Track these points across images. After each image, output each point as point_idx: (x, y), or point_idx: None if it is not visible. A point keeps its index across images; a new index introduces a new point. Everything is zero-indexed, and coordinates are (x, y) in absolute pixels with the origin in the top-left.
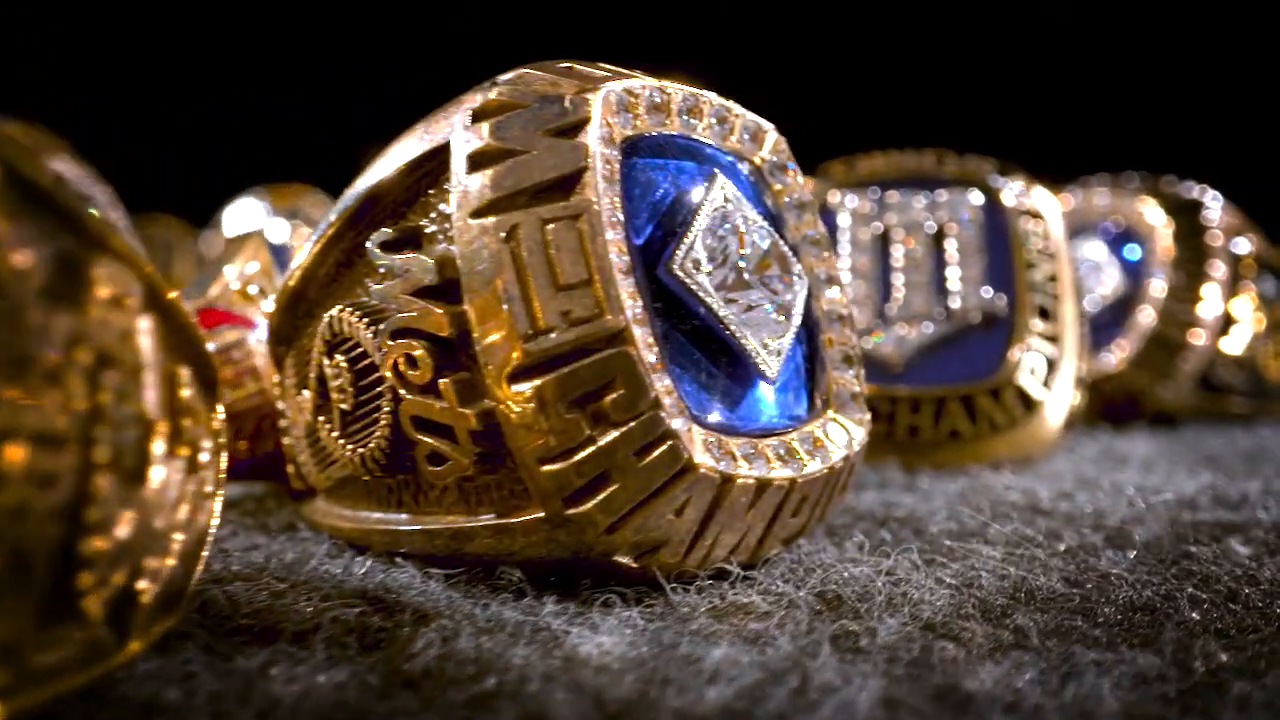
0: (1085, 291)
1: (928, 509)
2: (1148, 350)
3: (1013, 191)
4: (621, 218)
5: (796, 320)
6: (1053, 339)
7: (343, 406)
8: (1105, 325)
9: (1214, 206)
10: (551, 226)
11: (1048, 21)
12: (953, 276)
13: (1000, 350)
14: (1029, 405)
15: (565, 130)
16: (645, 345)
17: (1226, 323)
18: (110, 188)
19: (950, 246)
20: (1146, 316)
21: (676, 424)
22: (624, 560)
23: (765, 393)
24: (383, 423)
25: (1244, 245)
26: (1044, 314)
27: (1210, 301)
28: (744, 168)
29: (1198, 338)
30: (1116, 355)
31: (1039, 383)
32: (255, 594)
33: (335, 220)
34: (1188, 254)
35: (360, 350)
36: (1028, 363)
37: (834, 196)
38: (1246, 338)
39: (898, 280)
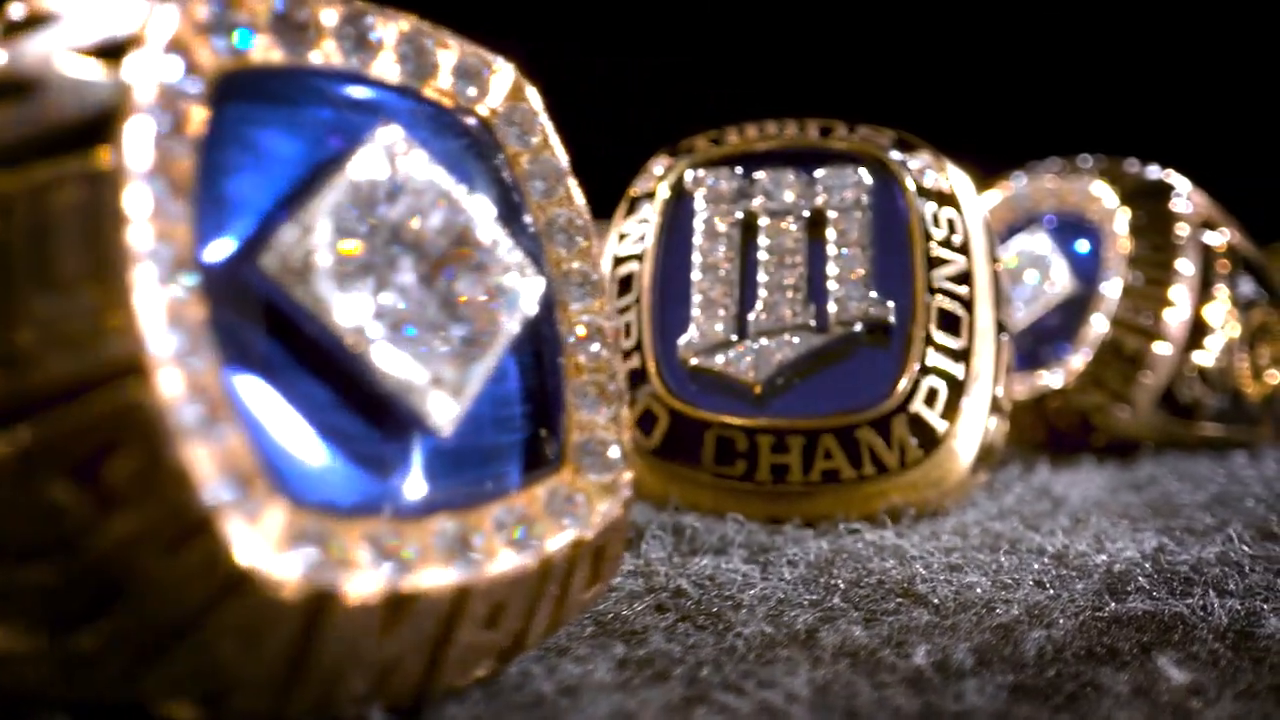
0: (1034, 294)
1: (754, 594)
2: (1101, 364)
3: (914, 169)
4: (191, 188)
5: (503, 340)
6: (960, 355)
7: None
8: (1050, 334)
9: (1181, 192)
10: (59, 196)
11: None
12: (832, 275)
13: (891, 370)
14: (927, 440)
15: (106, 52)
16: (182, 381)
17: (1197, 331)
18: None
19: (830, 237)
20: (1100, 323)
21: (229, 508)
22: (178, 713)
23: (432, 449)
24: None
25: (1217, 238)
26: (949, 324)
27: (1177, 306)
28: (454, 122)
29: (1162, 349)
30: (1063, 371)
31: (939, 412)
32: None
33: None
34: (1150, 249)
35: None
36: (926, 386)
37: (690, 176)
38: (1220, 349)
39: (762, 280)
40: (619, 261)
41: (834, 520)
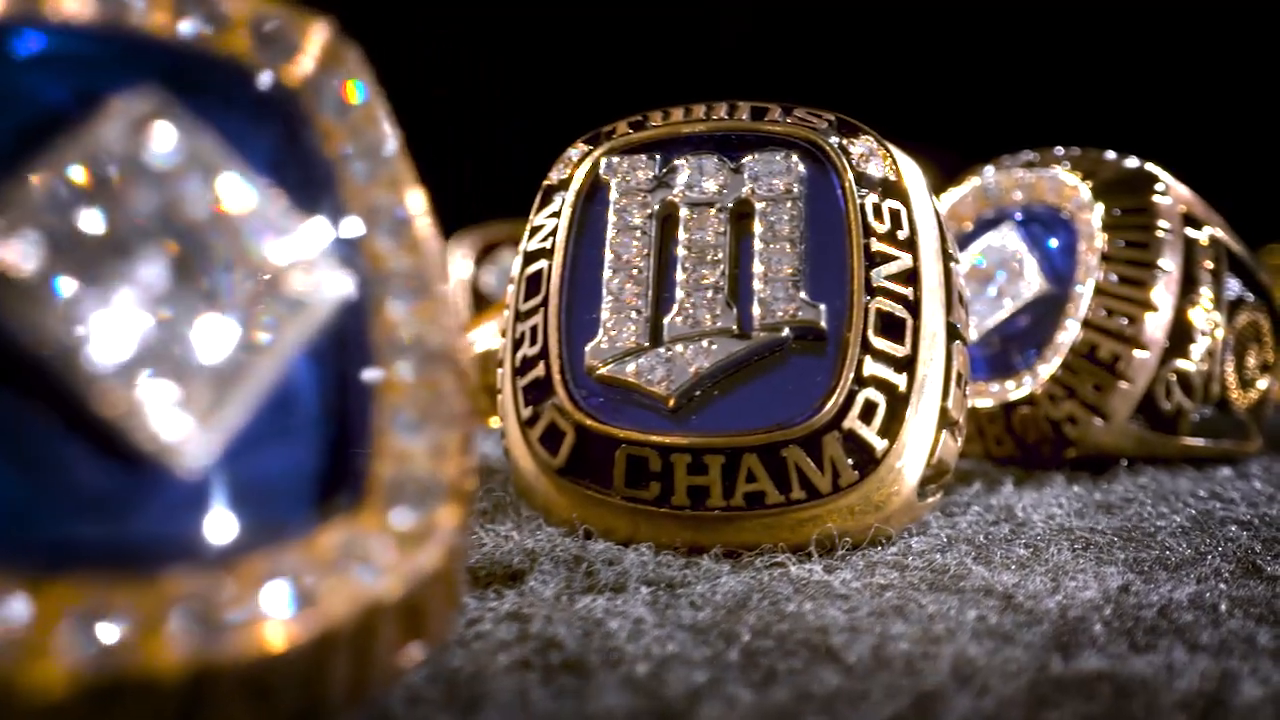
0: (1002, 295)
1: (640, 647)
2: (1074, 371)
3: (855, 156)
4: None
5: (284, 351)
6: (903, 364)
7: None
8: (1020, 338)
9: (1162, 184)
10: None
11: None
12: (757, 274)
13: (822, 381)
14: (864, 460)
15: None
16: None
17: (1178, 335)
18: None
19: (757, 231)
20: (1073, 327)
21: None
22: None
23: (175, 489)
24: None
25: (1201, 234)
26: (891, 328)
27: (1157, 308)
28: (245, 86)
29: (1140, 355)
30: (1033, 378)
31: (877, 428)
32: None
33: None
34: (1128, 246)
35: None
36: (862, 399)
37: (605, 164)
38: (1204, 355)
39: (679, 279)
40: (528, 259)
41: (761, 549)
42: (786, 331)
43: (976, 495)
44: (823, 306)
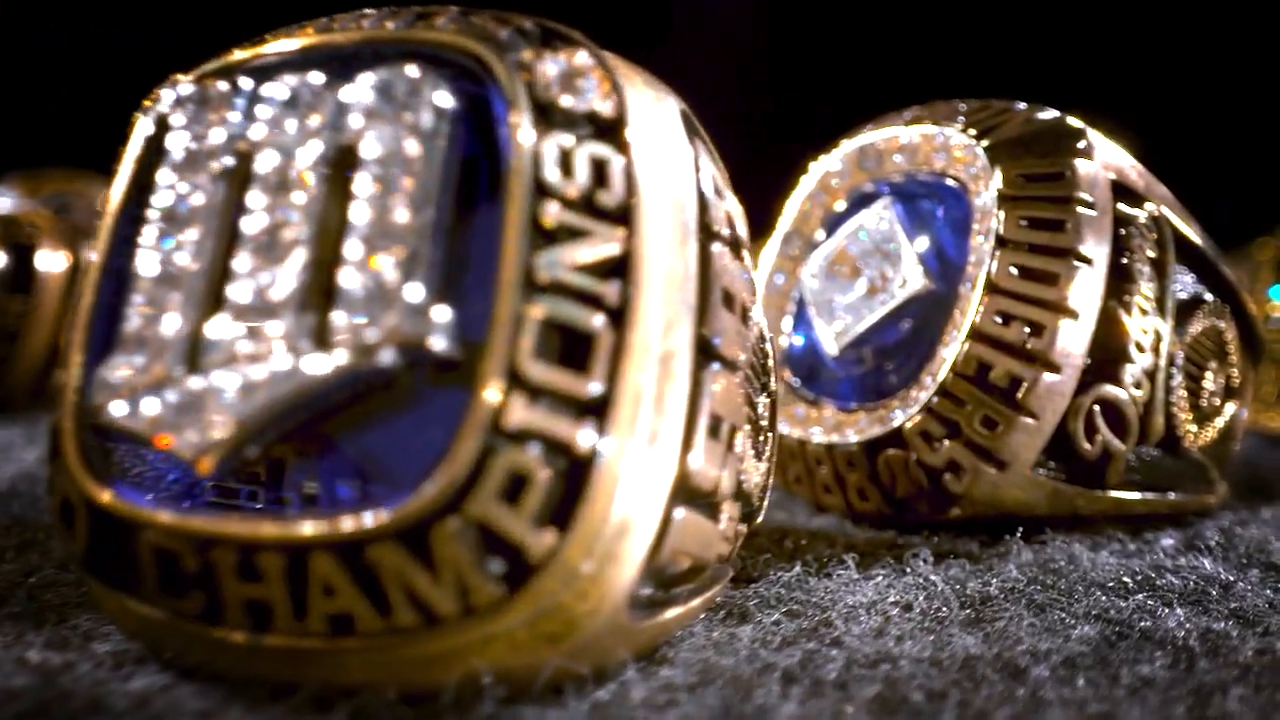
0: (870, 296)
1: None
2: (959, 400)
3: (544, 78)
4: None
5: None
6: (591, 408)
7: None
8: (896, 352)
9: (1086, 142)
10: None
11: None
12: (352, 261)
13: (439, 438)
14: (515, 565)
15: None
16: None
17: (1106, 351)
18: None
19: (361, 194)
20: (957, 338)
21: None
22: None
23: None
24: None
25: (1142, 213)
26: (572, 349)
27: (1077, 314)
28: None
29: (1051, 379)
30: (904, 410)
31: (534, 514)
32: None
33: None
34: (1035, 226)
35: None
36: (506, 466)
37: (169, 98)
38: (1142, 376)
39: (241, 269)
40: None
41: (378, 693)
42: (387, 354)
43: (777, 594)
44: (449, 315)
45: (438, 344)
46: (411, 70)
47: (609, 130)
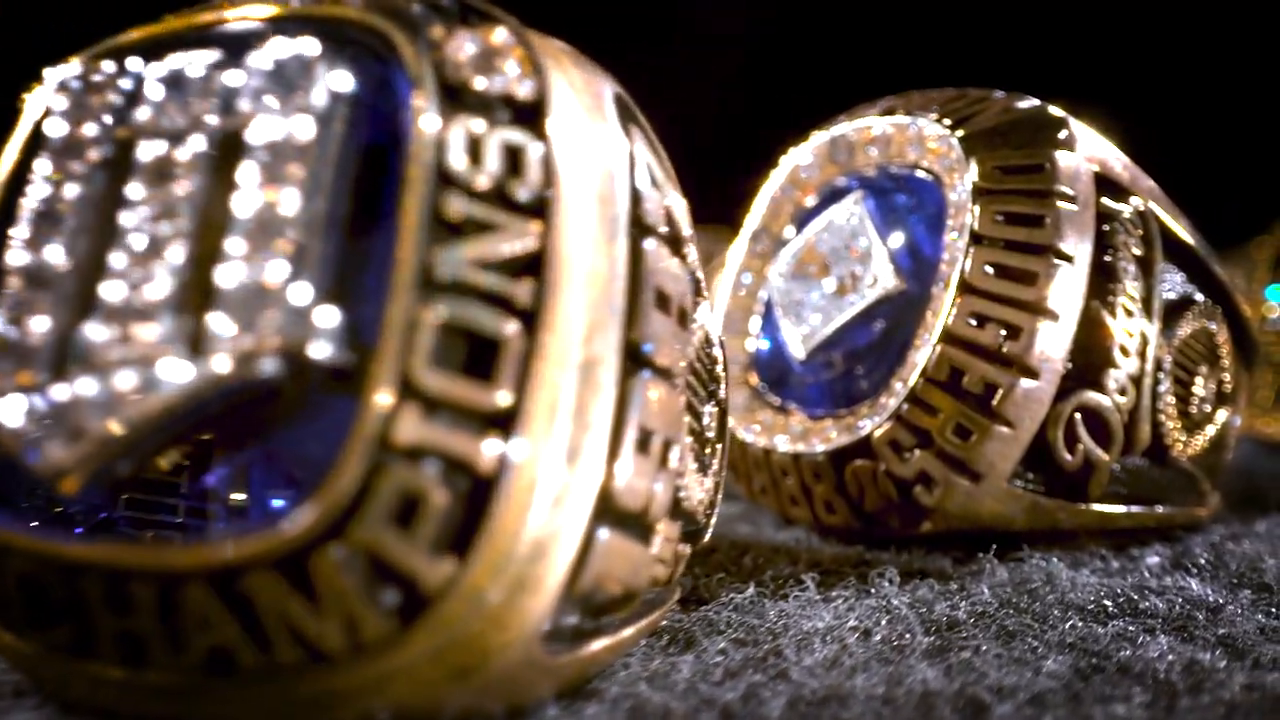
0: (838, 296)
1: None
2: (930, 408)
3: (451, 57)
4: None
5: None
6: (496, 420)
7: None
8: (867, 356)
9: (1067, 133)
10: None
11: None
12: (236, 256)
13: (319, 453)
14: (410, 596)
15: None
16: None
17: (1089, 355)
18: None
19: (245, 182)
20: (928, 341)
21: None
22: None
23: None
24: None
25: (1127, 208)
26: (476, 356)
27: (1057, 315)
28: None
29: (1029, 384)
30: (873, 418)
31: (430, 538)
32: None
33: None
34: (1013, 222)
35: None
36: (397, 487)
37: (52, 80)
38: (1129, 384)
39: (117, 266)
40: None
41: None
42: (269, 363)
43: (748, 606)
44: (337, 318)
45: (320, 351)
46: (307, 48)
47: (527, 115)
